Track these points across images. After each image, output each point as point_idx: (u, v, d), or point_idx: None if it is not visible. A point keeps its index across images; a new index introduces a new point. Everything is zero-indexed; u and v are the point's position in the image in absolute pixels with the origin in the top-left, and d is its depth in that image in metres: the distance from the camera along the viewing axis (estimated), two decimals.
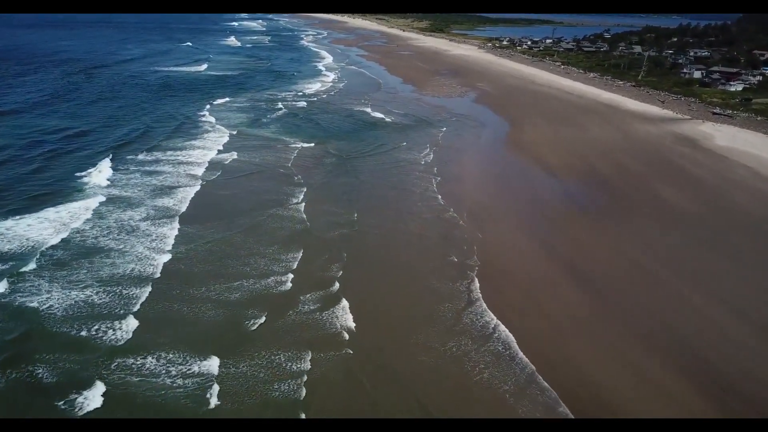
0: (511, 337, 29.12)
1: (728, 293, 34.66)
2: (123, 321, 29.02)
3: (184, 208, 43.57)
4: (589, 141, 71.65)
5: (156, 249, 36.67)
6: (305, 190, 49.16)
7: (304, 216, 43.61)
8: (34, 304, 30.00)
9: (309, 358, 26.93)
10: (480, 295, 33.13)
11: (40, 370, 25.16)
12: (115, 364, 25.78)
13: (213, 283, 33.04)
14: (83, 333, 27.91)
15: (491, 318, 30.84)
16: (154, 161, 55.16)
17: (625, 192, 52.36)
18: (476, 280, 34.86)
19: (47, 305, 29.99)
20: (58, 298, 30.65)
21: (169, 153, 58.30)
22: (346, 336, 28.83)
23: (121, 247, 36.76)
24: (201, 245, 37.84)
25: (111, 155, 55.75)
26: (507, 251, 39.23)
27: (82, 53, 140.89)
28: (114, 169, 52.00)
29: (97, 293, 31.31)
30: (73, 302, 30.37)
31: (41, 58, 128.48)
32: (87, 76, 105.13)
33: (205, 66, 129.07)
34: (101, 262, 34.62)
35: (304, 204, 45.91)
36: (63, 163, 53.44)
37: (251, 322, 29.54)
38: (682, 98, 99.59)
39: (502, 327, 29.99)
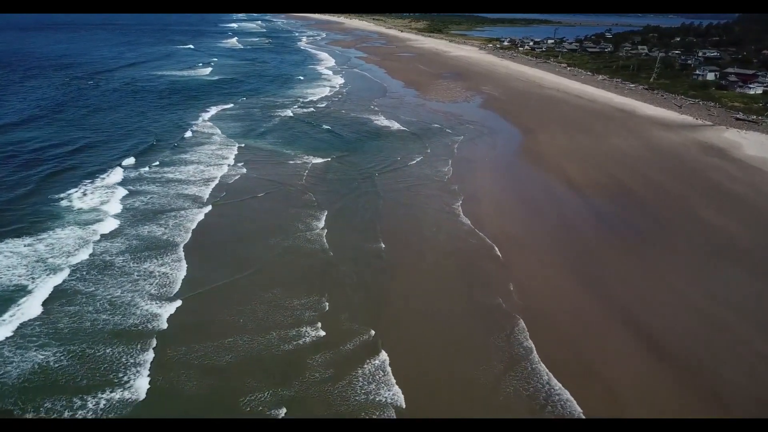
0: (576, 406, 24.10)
1: None
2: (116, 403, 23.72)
3: (188, 238, 38.45)
4: (610, 151, 66.59)
5: (157, 296, 31.28)
6: (325, 214, 43.90)
7: (327, 245, 38.56)
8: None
9: None
10: (534, 351, 28.07)
11: None
12: None
13: (226, 344, 27.70)
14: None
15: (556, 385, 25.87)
16: (153, 180, 49.96)
17: (662, 213, 47.24)
18: (525, 327, 29.92)
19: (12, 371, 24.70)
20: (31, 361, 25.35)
21: (171, 169, 53.19)
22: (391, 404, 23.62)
23: (111, 295, 31.32)
24: (209, 291, 32.33)
25: (105, 175, 50.54)
26: (548, 289, 34.03)
27: (81, 58, 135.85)
28: (109, 190, 46.77)
29: (79, 360, 25.89)
30: (36, 371, 25.06)
31: (40, 63, 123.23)
32: (87, 83, 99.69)
33: (208, 70, 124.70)
34: (86, 317, 29.19)
35: (326, 231, 40.73)
36: (51, 184, 47.72)
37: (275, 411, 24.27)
38: (700, 102, 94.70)
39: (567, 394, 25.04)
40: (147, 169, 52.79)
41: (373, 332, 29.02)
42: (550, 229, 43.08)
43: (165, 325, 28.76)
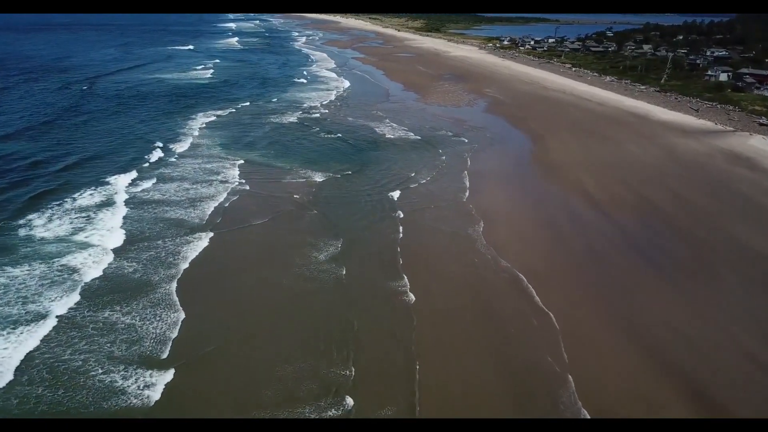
0: None
1: None
2: None
3: (180, 274, 33.11)
4: (628, 161, 61.51)
5: (142, 362, 25.88)
6: (338, 245, 38.50)
7: (344, 286, 33.39)
8: None
9: None
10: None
11: None
12: None
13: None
14: None
15: None
16: (142, 203, 44.51)
17: (696, 235, 42.14)
18: (574, 389, 24.81)
19: None
20: None
21: (163, 188, 48.03)
22: None
23: (84, 367, 25.97)
24: (208, 355, 26.81)
25: (84, 198, 45.01)
26: (589, 341, 28.87)
27: (78, 60, 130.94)
28: (82, 216, 41.26)
29: None
30: None
31: (34, 66, 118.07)
32: (82, 88, 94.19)
33: (209, 73, 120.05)
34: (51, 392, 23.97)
35: (343, 270, 35.13)
36: (32, 205, 42.38)
37: None
38: (718, 105, 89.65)
39: None
40: (137, 190, 47.39)
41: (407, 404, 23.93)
42: (578, 259, 37.92)
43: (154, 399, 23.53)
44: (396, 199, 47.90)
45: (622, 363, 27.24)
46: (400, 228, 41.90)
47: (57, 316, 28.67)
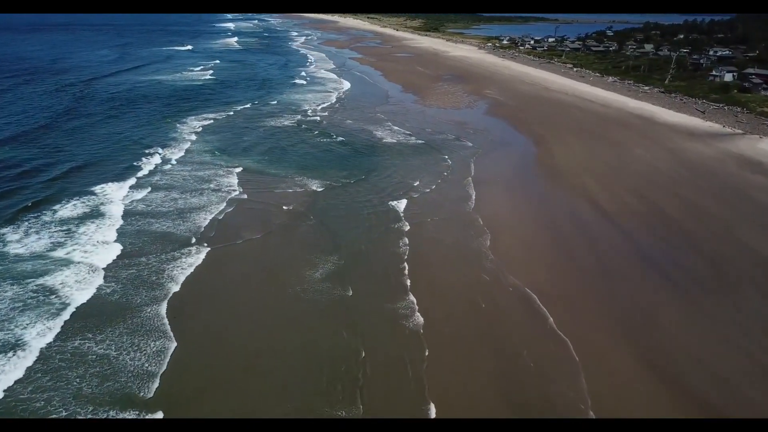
0: None
1: None
2: None
3: (164, 310, 30.02)
4: (636, 167, 59.30)
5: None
6: (342, 263, 36.06)
7: (350, 313, 30.73)
8: None
9: None
10: None
11: None
12: None
13: None
14: None
15: None
16: (132, 214, 42.03)
17: (715, 249, 39.88)
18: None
19: None
20: None
21: (156, 199, 45.52)
22: None
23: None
24: (201, 397, 24.32)
25: (64, 210, 42.58)
26: (612, 370, 26.65)
27: (75, 62, 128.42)
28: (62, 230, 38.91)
29: None
30: None
31: (30, 68, 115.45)
32: (77, 91, 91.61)
33: (209, 74, 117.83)
34: None
35: (350, 292, 32.68)
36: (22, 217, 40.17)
37: None
38: (725, 107, 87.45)
39: None
40: (126, 200, 44.89)
41: None
42: (590, 276, 35.64)
43: None
44: (400, 210, 45.43)
45: (647, 399, 24.95)
46: (406, 241, 39.57)
47: (26, 346, 26.33)
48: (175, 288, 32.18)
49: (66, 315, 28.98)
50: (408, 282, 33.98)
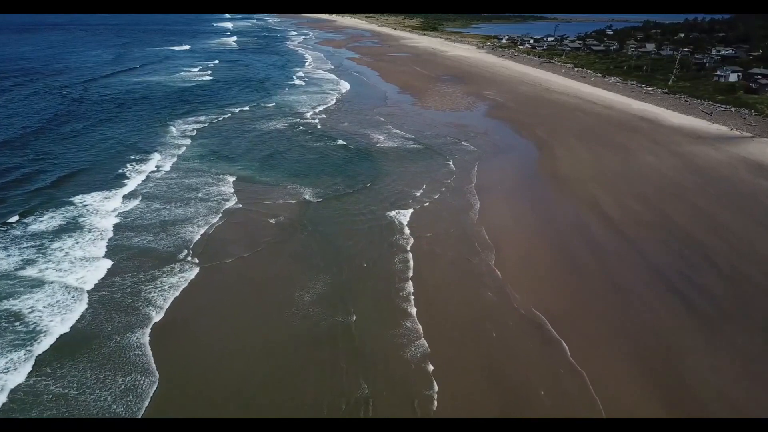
0: None
1: None
2: None
3: (147, 339, 27.62)
4: (645, 173, 56.96)
5: None
6: (344, 285, 33.59)
7: (355, 349, 27.94)
8: None
9: None
10: None
11: None
12: None
13: None
14: None
15: None
16: (123, 227, 39.39)
17: (733, 266, 37.44)
18: None
19: None
20: None
21: (147, 207, 43.00)
22: None
23: None
24: None
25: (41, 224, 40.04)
26: (633, 410, 24.27)
27: (73, 62, 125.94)
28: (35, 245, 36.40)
29: None
30: None
31: (26, 69, 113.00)
32: (74, 94, 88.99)
33: (207, 75, 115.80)
34: None
35: (353, 318, 30.19)
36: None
37: None
38: (732, 109, 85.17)
39: None
40: (110, 212, 42.33)
41: None
42: (603, 299, 33.16)
43: None
44: (402, 222, 42.94)
45: None
46: (410, 258, 37.17)
47: None
48: (158, 316, 29.59)
49: (31, 343, 26.53)
50: (414, 312, 31.21)
